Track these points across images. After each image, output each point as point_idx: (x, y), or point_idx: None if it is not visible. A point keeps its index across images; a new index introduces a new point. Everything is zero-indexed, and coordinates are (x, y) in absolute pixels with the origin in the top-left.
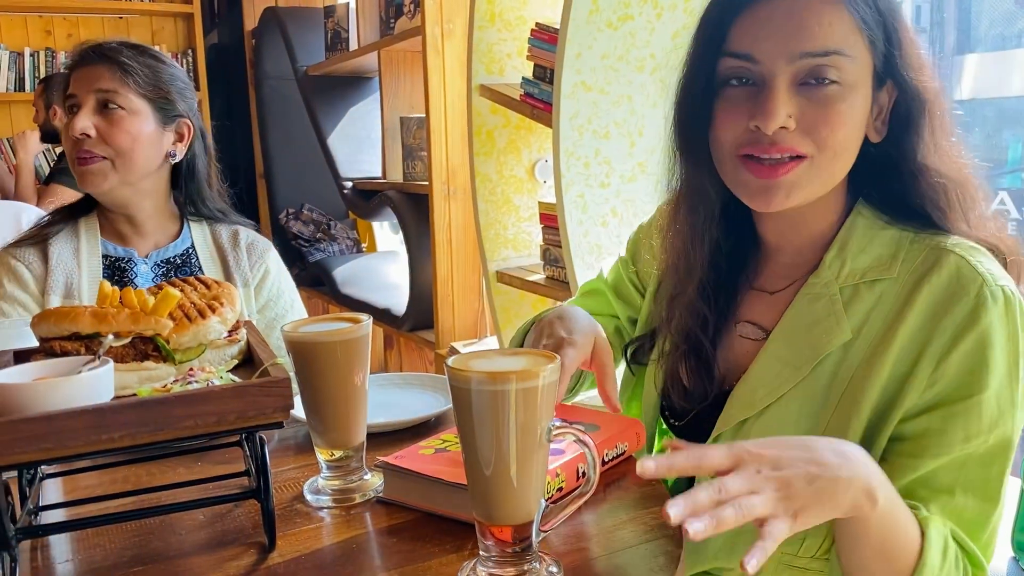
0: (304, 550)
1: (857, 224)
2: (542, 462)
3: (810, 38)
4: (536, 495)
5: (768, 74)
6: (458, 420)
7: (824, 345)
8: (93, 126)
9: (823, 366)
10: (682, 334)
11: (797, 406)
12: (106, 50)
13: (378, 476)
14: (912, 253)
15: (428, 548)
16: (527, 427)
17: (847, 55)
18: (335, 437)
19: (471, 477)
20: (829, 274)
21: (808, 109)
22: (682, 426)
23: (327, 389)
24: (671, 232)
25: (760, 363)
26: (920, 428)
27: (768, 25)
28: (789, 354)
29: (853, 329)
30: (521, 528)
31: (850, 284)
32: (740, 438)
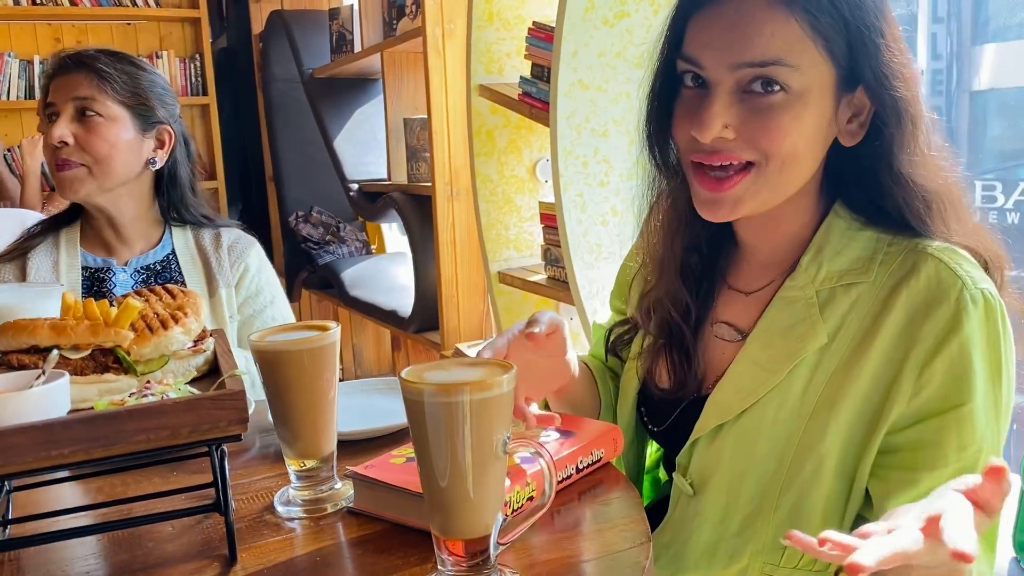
0: (268, 563)
1: (834, 226)
2: (499, 474)
3: (749, 47)
4: (493, 508)
5: (712, 80)
6: (413, 432)
7: (800, 349)
8: (71, 134)
9: (798, 370)
10: (662, 328)
11: (773, 411)
12: (84, 57)
13: (349, 486)
14: (890, 256)
15: (392, 560)
16: (482, 439)
17: (789, 64)
18: (304, 447)
19: (427, 490)
20: (805, 277)
21: (749, 118)
22: (660, 432)
23: (294, 398)
24: (648, 228)
25: (737, 367)
26: (912, 439)
27: (713, 31)
28: (765, 358)
29: (829, 333)
30: (477, 542)
31: (826, 287)
32: (717, 443)
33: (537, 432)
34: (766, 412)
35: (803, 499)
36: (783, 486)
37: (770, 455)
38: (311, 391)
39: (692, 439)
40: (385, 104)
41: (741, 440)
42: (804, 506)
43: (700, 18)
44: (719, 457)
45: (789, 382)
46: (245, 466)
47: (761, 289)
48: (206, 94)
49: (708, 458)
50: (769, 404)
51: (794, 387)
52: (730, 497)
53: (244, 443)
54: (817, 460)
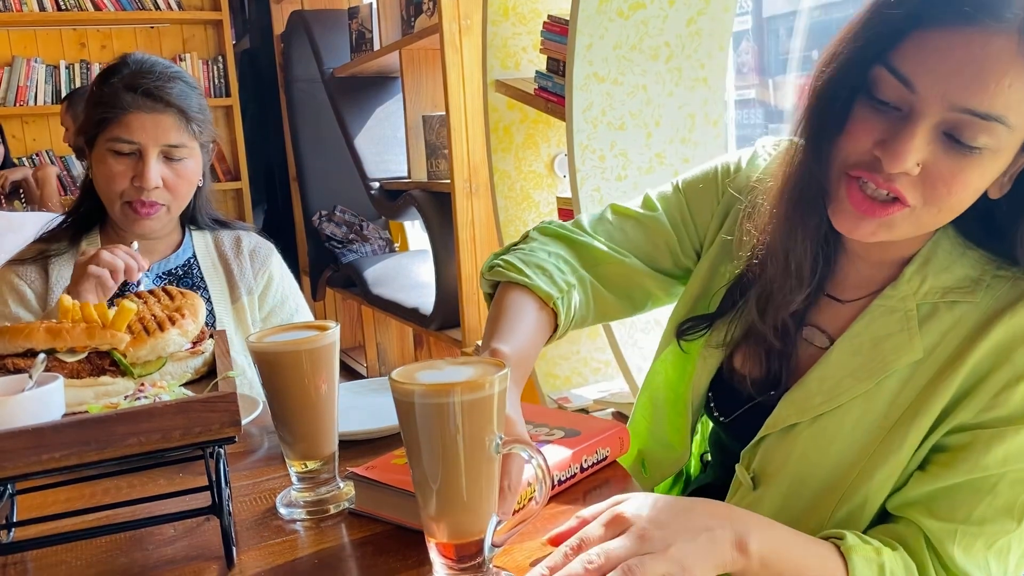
0: (268, 565)
1: (942, 243)
2: (492, 476)
3: (980, 93)
4: (486, 510)
5: (918, 110)
6: (404, 434)
7: (892, 361)
8: (161, 177)
9: (888, 382)
10: (760, 332)
11: (854, 418)
12: (166, 94)
13: (350, 487)
14: (997, 281)
15: (392, 562)
16: (474, 440)
17: (1009, 124)
18: (304, 448)
19: (419, 492)
20: (908, 288)
21: (939, 163)
22: (728, 423)
23: (293, 399)
24: (770, 218)
25: (821, 368)
26: (963, 442)
27: (944, 58)
28: (854, 365)
29: (925, 349)
30: (470, 545)
31: (928, 302)
32: (788, 441)
33: (543, 430)
34: (846, 418)
35: (865, 505)
36: (848, 491)
37: (841, 461)
38: (310, 392)
39: (762, 434)
40: (404, 102)
41: (814, 442)
42: (863, 512)
43: (932, 37)
44: (787, 455)
45: (877, 391)
46: (251, 468)
47: (858, 299)
48: (229, 95)
49: (775, 455)
50: (851, 410)
51: (881, 397)
52: (790, 495)
53: (251, 444)
54: (890, 470)
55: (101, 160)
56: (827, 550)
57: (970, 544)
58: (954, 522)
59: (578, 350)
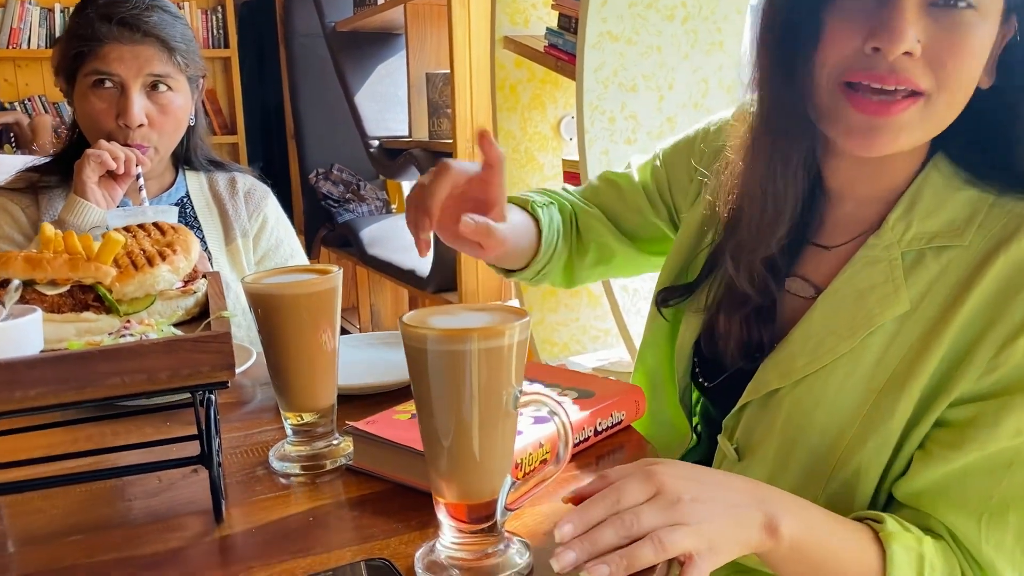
0: (257, 522)
1: (930, 180)
2: (508, 433)
3: None
4: (501, 470)
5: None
6: (414, 384)
7: (877, 315)
8: (145, 113)
9: (873, 340)
10: (739, 288)
11: (838, 381)
12: (145, 24)
13: (349, 442)
14: (991, 218)
15: (391, 524)
16: (491, 393)
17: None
18: (301, 400)
19: (429, 449)
20: (891, 236)
21: (936, 35)
22: (713, 387)
23: (290, 347)
24: (743, 170)
25: (804, 327)
26: (968, 416)
27: None
28: (837, 321)
29: (912, 300)
30: (482, 507)
31: (914, 249)
32: (770, 409)
33: (555, 390)
34: (830, 380)
35: (859, 476)
36: (839, 461)
37: (828, 427)
38: (309, 339)
39: (743, 402)
40: (408, 58)
41: (797, 408)
42: (859, 483)
43: None
44: (771, 423)
45: (862, 350)
46: (244, 419)
47: (844, 244)
48: (228, 47)
49: (759, 423)
50: (835, 372)
51: (867, 356)
52: (776, 467)
53: (243, 395)
54: (882, 438)
55: (83, 97)
56: (863, 535)
57: (1000, 540)
58: (973, 509)
59: (577, 317)
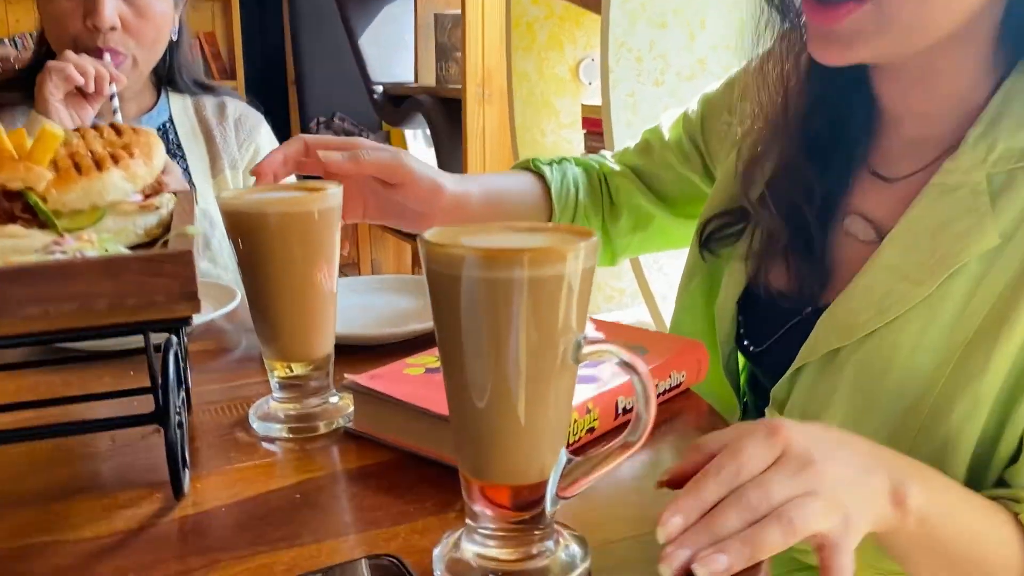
0: (228, 498)
1: (1018, 90)
2: (564, 394)
3: None
4: (554, 442)
5: None
6: (438, 326)
7: (959, 253)
8: (119, 15)
9: (955, 281)
10: (779, 219)
11: (914, 335)
12: None
13: (349, 400)
14: None
15: (401, 505)
16: (545, 339)
17: None
18: (290, 347)
19: (457, 413)
20: (973, 158)
21: None
22: (760, 352)
23: (278, 281)
24: (758, 89)
25: (867, 275)
26: None
27: None
28: (908, 264)
29: (1002, 232)
30: (527, 490)
31: (1002, 171)
32: (830, 373)
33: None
34: (903, 336)
35: (947, 451)
36: (920, 432)
37: (904, 392)
38: (302, 272)
39: (796, 366)
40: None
41: (865, 370)
42: (948, 459)
43: None
44: (832, 391)
45: (940, 297)
46: (223, 370)
47: (912, 175)
48: None
49: (815, 392)
50: (908, 326)
51: (947, 304)
52: None
53: (224, 342)
54: (973, 402)
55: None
56: (1001, 515)
57: None
58: None
59: None
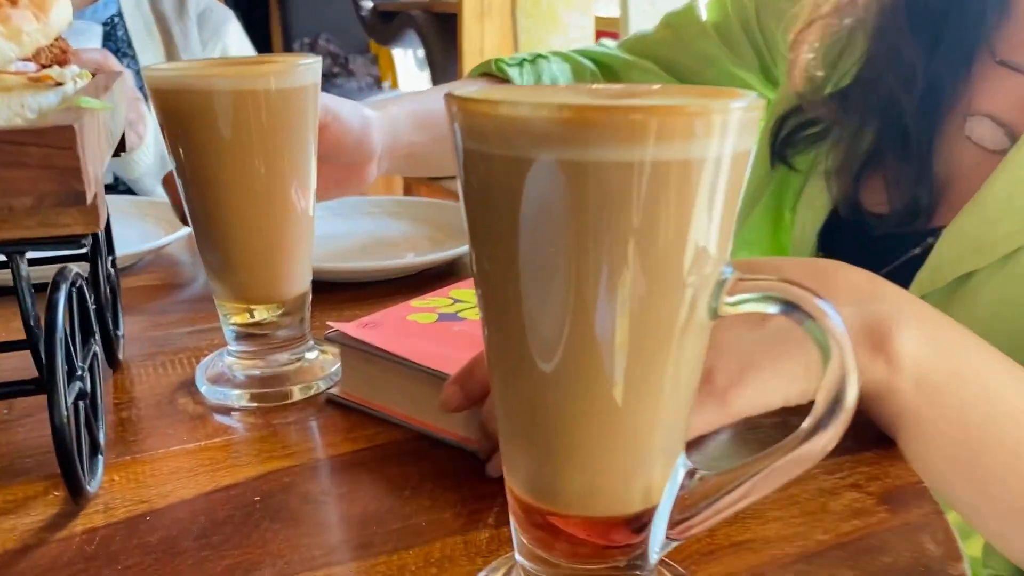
0: (158, 502)
1: None
2: (691, 366)
3: None
4: (668, 448)
5: None
6: (480, 246)
7: None
8: None
9: None
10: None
11: None
12: None
13: (332, 358)
14: None
15: (407, 516)
16: (668, 272)
17: None
18: (250, 283)
19: (506, 394)
20: None
21: None
22: None
23: (231, 189)
24: None
25: (1005, 179)
26: None
27: None
28: None
29: None
30: (623, 524)
31: None
32: (961, 303)
33: None
34: None
35: None
36: None
37: None
38: (265, 177)
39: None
40: None
41: (1007, 300)
42: None
43: None
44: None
45: None
46: (168, 312)
47: None
48: None
49: None
50: None
51: None
52: None
53: (180, 277)
54: None
55: None
56: None
57: None
58: None
59: None
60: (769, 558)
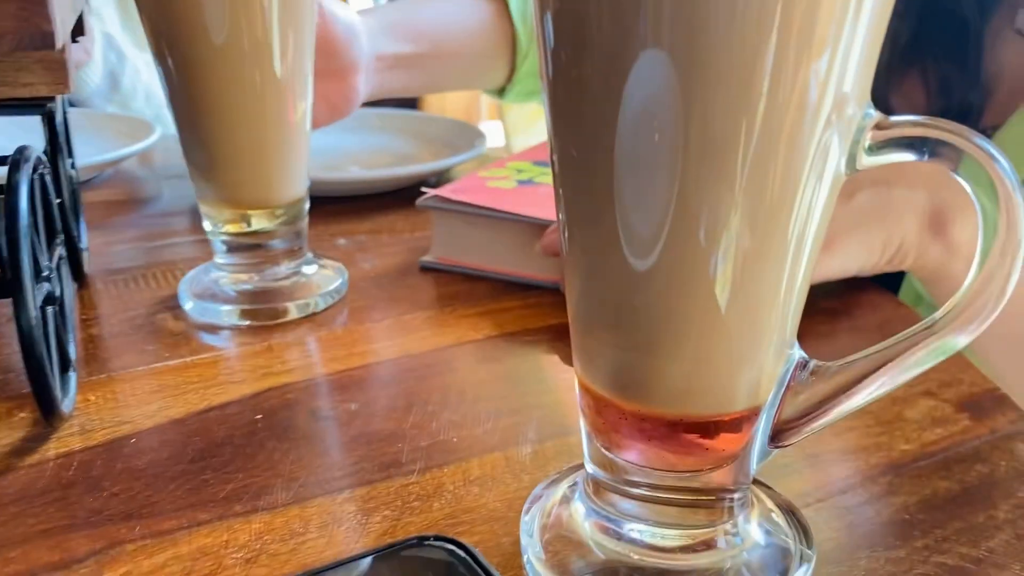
0: (144, 422)
1: None
2: (814, 239)
3: None
4: (780, 337)
5: None
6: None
7: None
8: None
9: None
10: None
11: None
12: None
13: (332, 271)
14: None
15: (435, 427)
16: (793, 106)
17: None
18: (248, 184)
19: (583, 280)
20: None
21: None
22: None
23: (225, 73)
24: None
25: None
26: None
27: None
28: None
29: None
30: (724, 427)
31: None
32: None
33: None
34: None
35: None
36: None
37: None
38: (263, 61)
39: None
40: None
41: None
42: None
43: None
44: None
45: None
46: (135, 226)
47: None
48: None
49: None
50: None
51: None
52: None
53: (141, 190)
54: None
55: None
56: None
57: None
58: None
59: None
60: (853, 470)
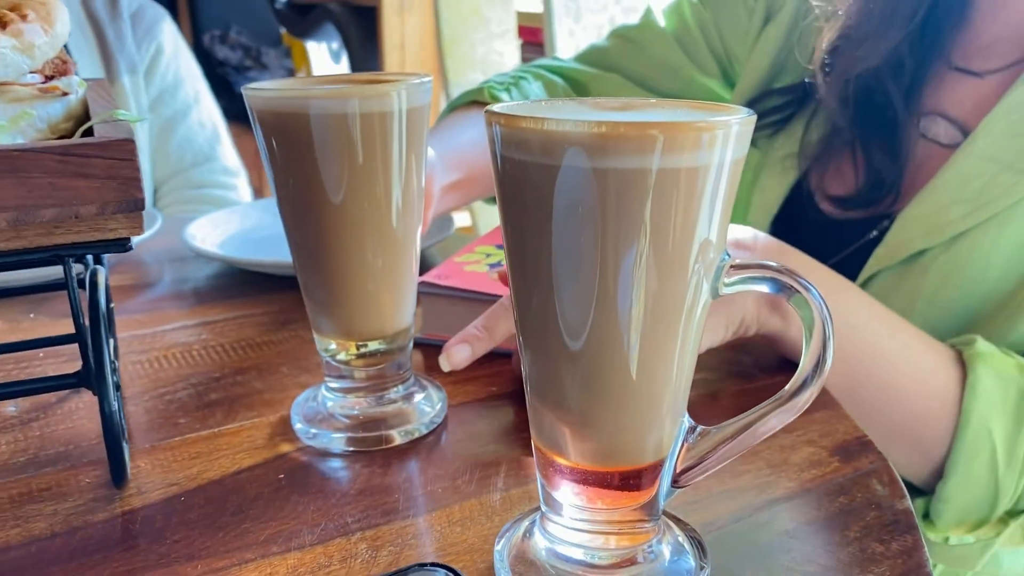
0: (187, 483)
1: None
2: (694, 337)
3: None
4: (676, 406)
5: None
6: (513, 239)
7: None
8: None
9: None
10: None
11: (1019, 231)
12: None
13: (437, 395)
14: None
15: (423, 480)
16: (675, 261)
17: None
18: (355, 315)
19: (536, 362)
20: None
21: None
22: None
23: (339, 228)
24: None
25: (958, 166)
26: None
27: None
28: (1010, 152)
29: None
30: (637, 475)
31: None
32: (911, 280)
33: None
34: (1006, 232)
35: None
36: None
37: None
38: (371, 199)
39: (867, 274)
40: None
41: (952, 276)
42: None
43: None
44: (909, 301)
45: None
46: (147, 310)
47: (1003, 69)
48: None
49: (894, 299)
50: (1014, 221)
51: None
52: None
53: (143, 275)
54: None
55: None
56: (939, 354)
57: None
58: None
59: None
60: (746, 504)
